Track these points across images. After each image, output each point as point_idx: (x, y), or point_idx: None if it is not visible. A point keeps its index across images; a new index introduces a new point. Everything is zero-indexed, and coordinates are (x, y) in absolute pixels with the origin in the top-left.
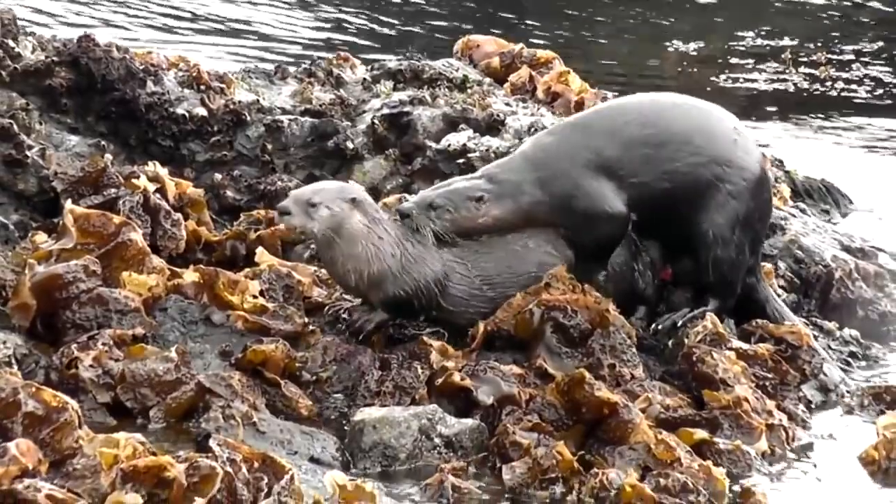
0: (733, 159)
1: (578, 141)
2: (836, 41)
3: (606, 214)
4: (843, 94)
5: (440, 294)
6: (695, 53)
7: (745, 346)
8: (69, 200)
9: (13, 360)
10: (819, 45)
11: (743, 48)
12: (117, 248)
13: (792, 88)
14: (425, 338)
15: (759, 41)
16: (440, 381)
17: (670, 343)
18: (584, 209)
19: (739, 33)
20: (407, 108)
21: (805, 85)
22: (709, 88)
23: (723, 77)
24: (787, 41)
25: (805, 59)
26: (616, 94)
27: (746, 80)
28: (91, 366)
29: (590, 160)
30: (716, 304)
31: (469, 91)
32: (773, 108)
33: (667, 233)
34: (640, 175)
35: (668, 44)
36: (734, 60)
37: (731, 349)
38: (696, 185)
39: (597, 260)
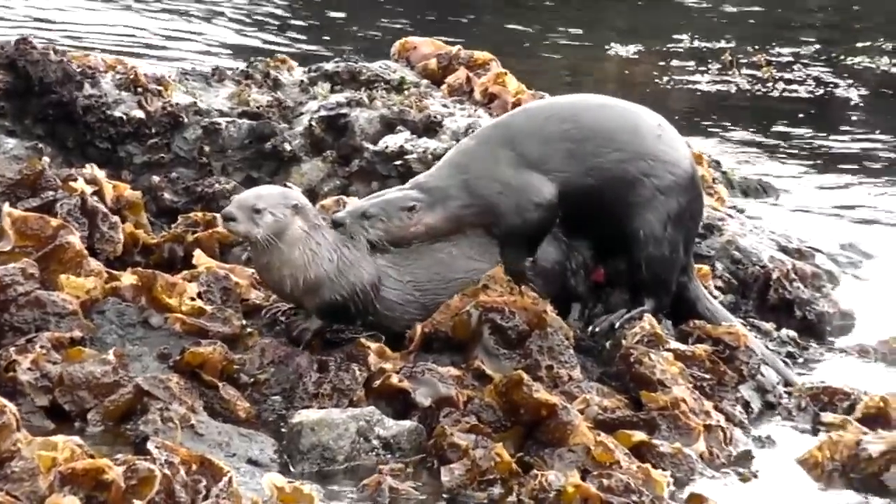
0: (659, 154)
1: (500, 142)
2: (775, 43)
3: (534, 203)
4: (784, 94)
5: (375, 298)
6: (635, 56)
7: (682, 346)
8: (6, 203)
9: None
10: (757, 47)
11: (681, 49)
12: (55, 250)
13: (733, 90)
14: (363, 340)
15: (696, 43)
16: (378, 383)
17: (608, 344)
18: (513, 203)
19: (677, 35)
20: (344, 110)
21: (747, 86)
22: (648, 90)
23: (665, 79)
24: (724, 43)
25: (745, 61)
26: (549, 94)
27: (689, 82)
28: (29, 369)
29: (512, 158)
30: (651, 303)
31: (406, 93)
32: (717, 109)
33: (598, 232)
34: (565, 170)
35: (608, 46)
36: (675, 63)
37: (668, 350)
38: (623, 182)
39: (525, 247)
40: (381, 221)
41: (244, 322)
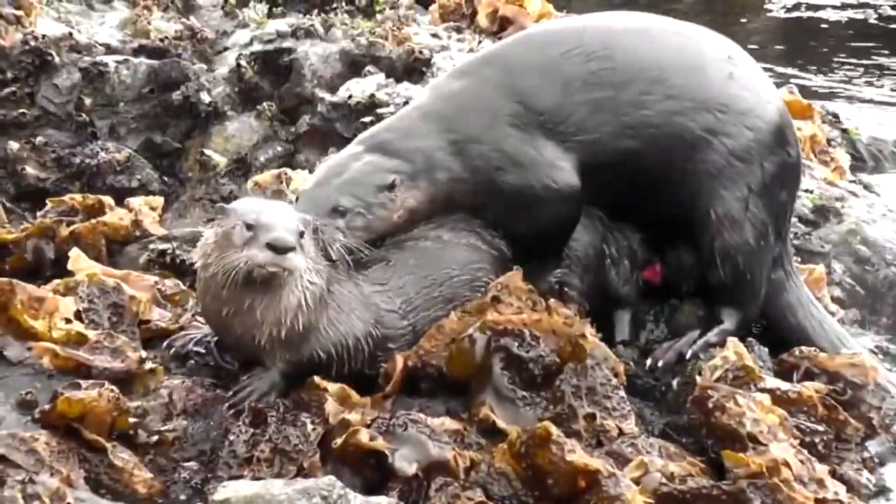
0: (730, 103)
1: (498, 85)
2: None
3: (549, 190)
4: None
5: (371, 350)
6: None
7: (784, 385)
8: None
9: None
10: None
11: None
12: None
13: (873, 16)
14: (317, 379)
15: None
16: (339, 441)
17: (675, 383)
18: (518, 186)
19: None
20: (288, 44)
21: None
22: (747, 16)
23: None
24: None
25: None
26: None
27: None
28: None
29: (516, 113)
30: (734, 317)
31: (379, 17)
32: (842, 40)
33: (647, 215)
34: (591, 130)
35: None
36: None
37: (763, 390)
38: (681, 143)
39: (546, 256)
40: (359, 215)
41: (143, 354)
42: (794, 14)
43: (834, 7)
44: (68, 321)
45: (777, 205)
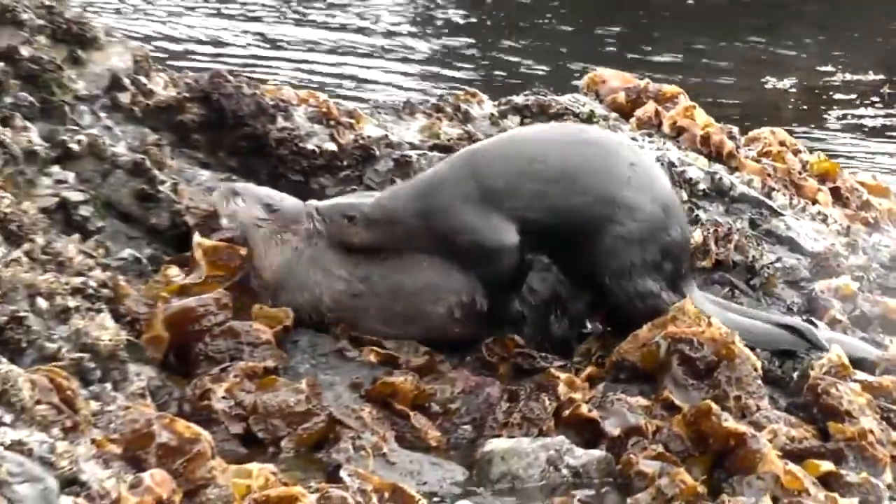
0: (623, 201)
1: (467, 171)
2: None
3: (495, 247)
4: None
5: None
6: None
7: (869, 378)
8: (197, 234)
9: (147, 392)
10: None
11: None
12: (245, 280)
13: None
14: (553, 370)
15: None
16: (567, 412)
17: (795, 375)
18: (470, 245)
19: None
20: None
21: None
22: (826, 120)
23: (839, 110)
24: None
25: None
26: (738, 127)
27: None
28: (223, 397)
29: (475, 191)
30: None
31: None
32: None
33: (572, 273)
34: (529, 209)
35: (789, 76)
36: (850, 95)
37: (855, 381)
38: (587, 226)
39: (505, 292)
40: (324, 221)
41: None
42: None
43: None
44: None
45: (661, 271)
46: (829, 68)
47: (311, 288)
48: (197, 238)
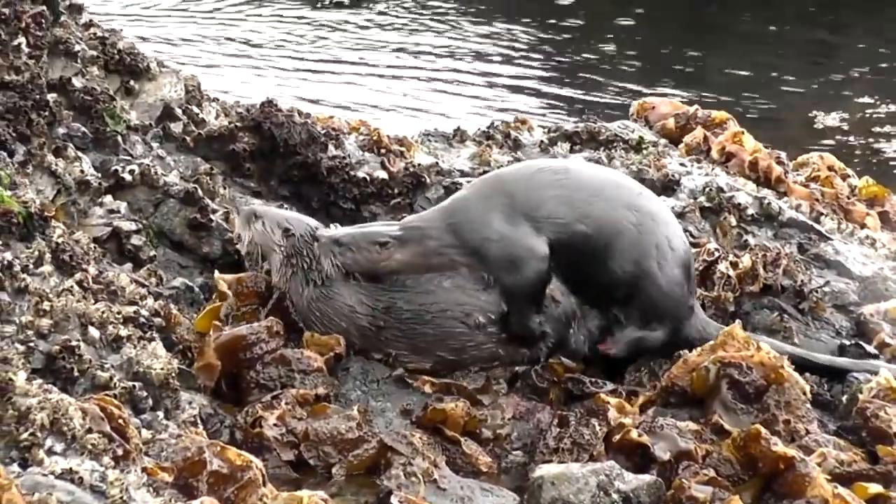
0: (640, 206)
1: (491, 190)
2: None
3: (525, 255)
4: None
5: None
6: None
7: None
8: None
9: (199, 420)
10: None
11: None
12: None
13: None
14: (603, 395)
15: None
16: (618, 437)
17: (844, 399)
18: (501, 252)
19: None
20: None
21: None
22: (875, 151)
23: (885, 143)
24: None
25: None
26: (786, 153)
27: None
28: (275, 424)
29: (503, 204)
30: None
31: (644, 152)
32: None
33: (595, 285)
34: (556, 216)
35: (838, 108)
36: None
37: None
38: (611, 229)
39: (526, 303)
40: (350, 251)
41: (486, 377)
42: None
43: None
44: None
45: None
46: (877, 100)
47: (337, 323)
48: (217, 274)
